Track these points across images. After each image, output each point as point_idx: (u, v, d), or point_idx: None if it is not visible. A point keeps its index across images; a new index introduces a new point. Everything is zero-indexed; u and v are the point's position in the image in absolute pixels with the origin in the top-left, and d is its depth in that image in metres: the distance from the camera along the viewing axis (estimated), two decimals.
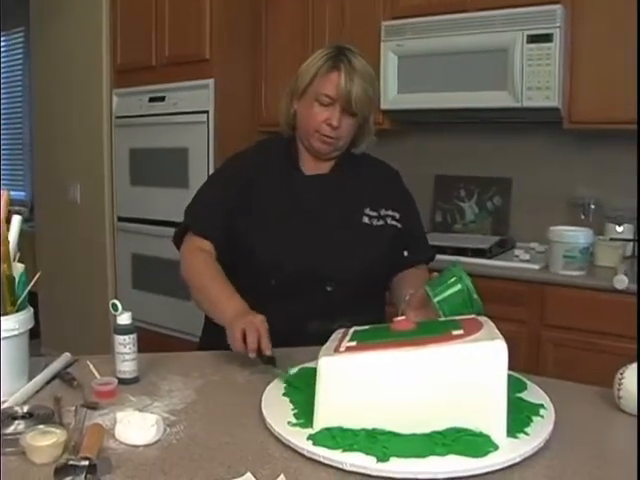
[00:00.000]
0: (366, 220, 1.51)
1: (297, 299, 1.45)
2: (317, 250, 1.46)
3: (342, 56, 1.46)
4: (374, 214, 1.52)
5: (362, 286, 1.49)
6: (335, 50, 1.48)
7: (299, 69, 1.51)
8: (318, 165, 1.55)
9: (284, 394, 1.10)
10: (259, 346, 1.23)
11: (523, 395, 1.08)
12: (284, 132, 1.59)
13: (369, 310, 1.51)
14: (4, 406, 1.03)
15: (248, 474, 0.85)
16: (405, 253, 1.55)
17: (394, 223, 1.53)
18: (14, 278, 1.12)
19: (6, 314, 1.09)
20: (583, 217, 2.62)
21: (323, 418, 0.95)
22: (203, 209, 1.55)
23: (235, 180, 1.54)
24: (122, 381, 1.18)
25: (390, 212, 1.54)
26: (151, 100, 3.18)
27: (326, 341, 1.19)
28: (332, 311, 1.44)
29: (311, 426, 0.96)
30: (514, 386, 1.08)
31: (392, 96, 2.75)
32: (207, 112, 2.99)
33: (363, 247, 1.48)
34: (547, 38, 2.36)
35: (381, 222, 1.52)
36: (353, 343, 1.03)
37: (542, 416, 1.00)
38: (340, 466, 0.87)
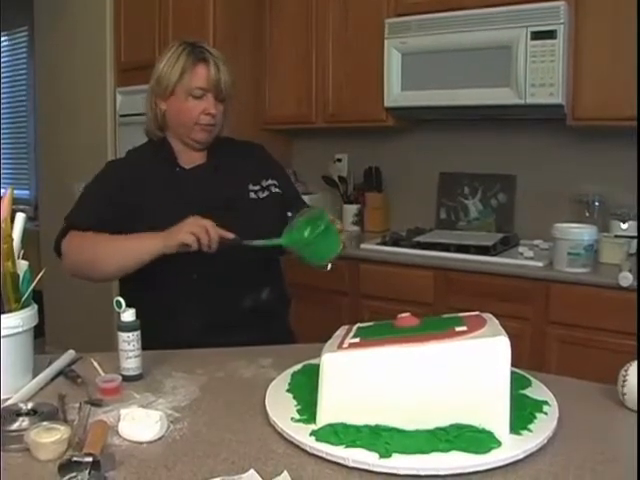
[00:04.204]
0: (253, 195, 1.60)
1: (220, 284, 1.49)
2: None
3: (200, 48, 1.54)
4: (257, 188, 1.61)
5: (267, 254, 1.59)
6: (188, 45, 1.55)
7: (156, 71, 1.56)
8: (194, 157, 1.61)
9: (287, 390, 1.10)
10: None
11: (527, 392, 1.08)
12: (153, 135, 1.63)
13: (276, 268, 1.69)
14: (8, 403, 1.04)
15: (251, 470, 0.85)
16: (289, 213, 1.58)
17: (277, 190, 1.64)
18: (18, 275, 1.13)
19: (10, 311, 1.10)
20: (587, 214, 2.61)
21: (326, 414, 0.95)
22: (85, 209, 1.56)
23: (115, 189, 1.55)
24: (126, 378, 1.18)
25: (270, 181, 1.64)
26: None
27: (263, 312, 1.52)
28: (256, 282, 1.56)
29: (314, 422, 0.96)
30: (518, 383, 1.08)
31: (395, 93, 2.75)
32: None
33: (257, 220, 1.52)
34: (551, 35, 2.36)
35: (266, 193, 1.62)
36: (356, 339, 1.03)
37: (546, 413, 1.00)
38: (343, 462, 0.87)
